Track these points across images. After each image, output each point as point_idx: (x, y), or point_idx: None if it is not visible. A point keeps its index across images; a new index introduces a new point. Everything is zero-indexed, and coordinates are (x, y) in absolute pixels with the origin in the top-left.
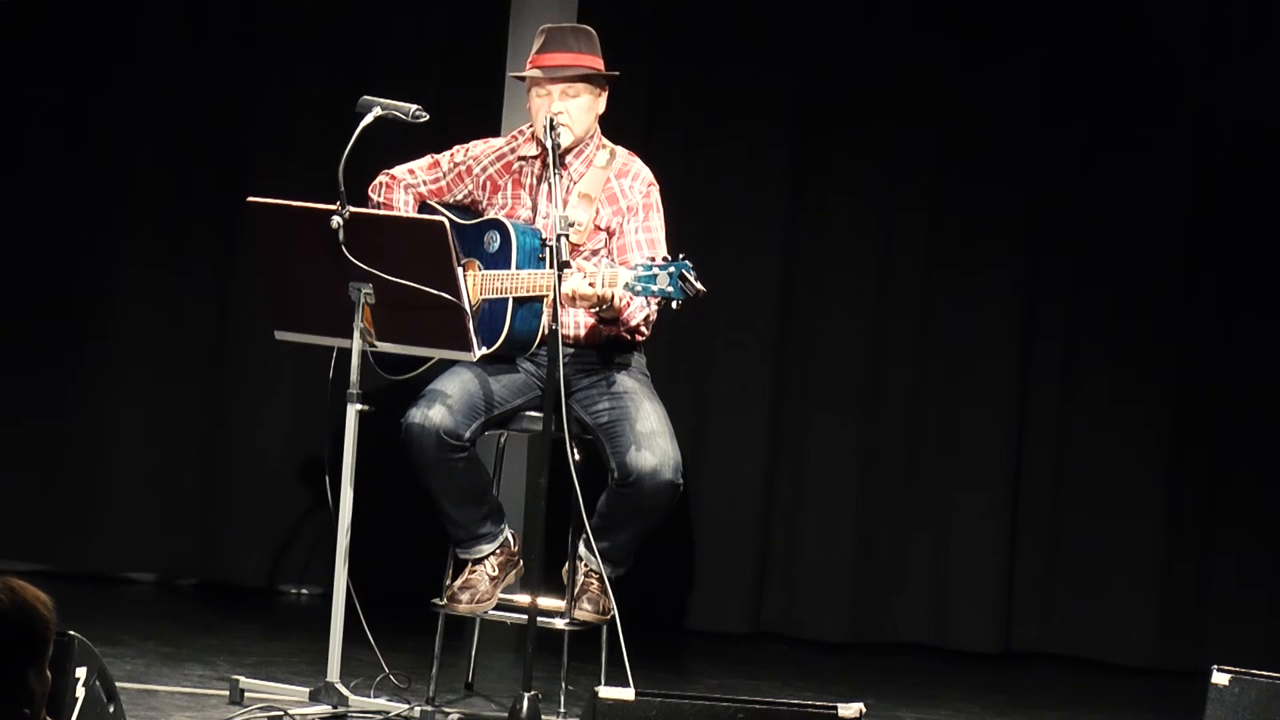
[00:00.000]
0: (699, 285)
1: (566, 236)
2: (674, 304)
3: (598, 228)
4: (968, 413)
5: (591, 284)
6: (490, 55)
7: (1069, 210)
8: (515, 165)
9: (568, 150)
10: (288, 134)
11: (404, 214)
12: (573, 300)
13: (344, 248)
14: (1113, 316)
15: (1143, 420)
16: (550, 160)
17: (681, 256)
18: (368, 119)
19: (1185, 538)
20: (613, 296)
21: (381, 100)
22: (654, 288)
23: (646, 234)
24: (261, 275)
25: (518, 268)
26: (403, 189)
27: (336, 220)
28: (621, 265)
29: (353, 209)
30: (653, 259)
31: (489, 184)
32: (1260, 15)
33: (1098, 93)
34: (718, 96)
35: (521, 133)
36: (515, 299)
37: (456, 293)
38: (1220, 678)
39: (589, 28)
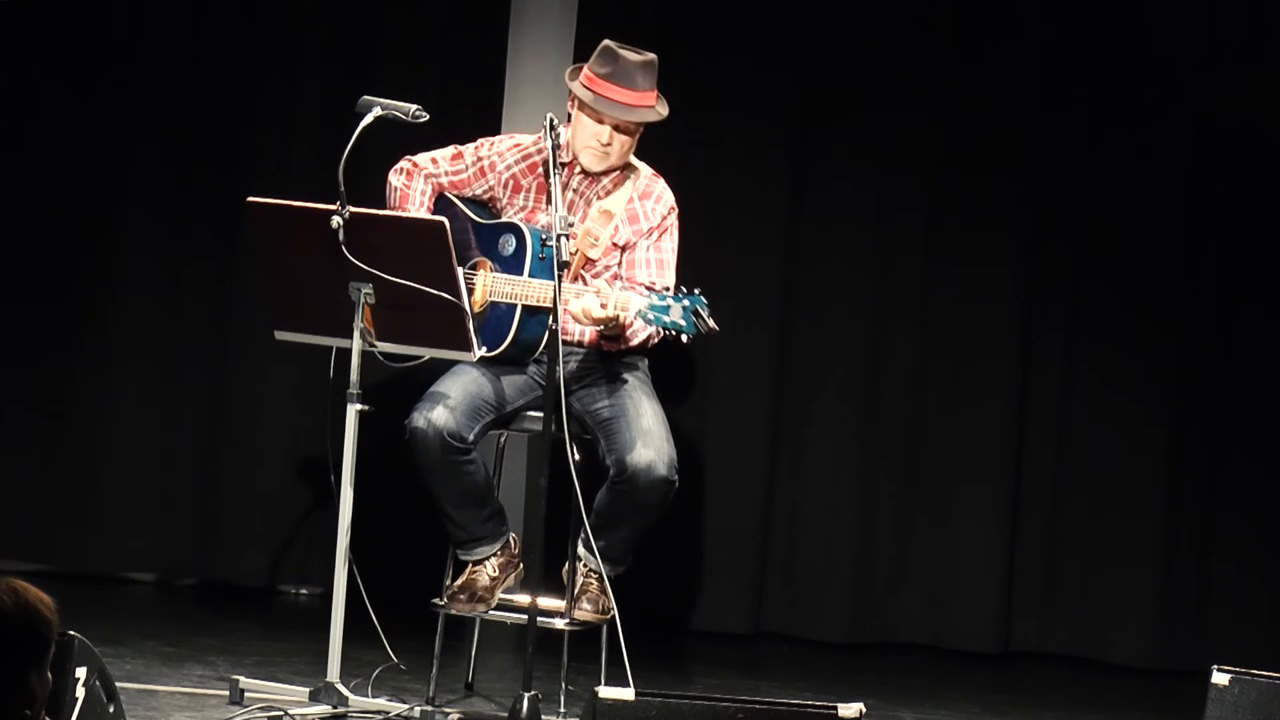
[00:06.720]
0: (712, 323)
1: (567, 237)
2: (684, 338)
3: (615, 245)
4: (968, 410)
5: (604, 305)
6: (491, 54)
7: (1069, 205)
8: (541, 169)
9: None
10: (288, 133)
11: (403, 214)
12: (582, 318)
13: (344, 248)
14: (1113, 312)
15: (1143, 418)
16: (550, 159)
17: (698, 291)
18: (368, 119)
19: (1185, 536)
20: (620, 317)
21: (381, 100)
22: (665, 319)
23: (656, 254)
24: (261, 275)
25: (530, 275)
26: (423, 178)
27: (336, 220)
28: (634, 289)
29: (353, 209)
30: (668, 289)
31: (511, 183)
32: (1259, 14)
33: (1097, 87)
34: (718, 92)
35: None
36: (525, 307)
37: (456, 293)
38: (1220, 678)
39: (654, 57)
